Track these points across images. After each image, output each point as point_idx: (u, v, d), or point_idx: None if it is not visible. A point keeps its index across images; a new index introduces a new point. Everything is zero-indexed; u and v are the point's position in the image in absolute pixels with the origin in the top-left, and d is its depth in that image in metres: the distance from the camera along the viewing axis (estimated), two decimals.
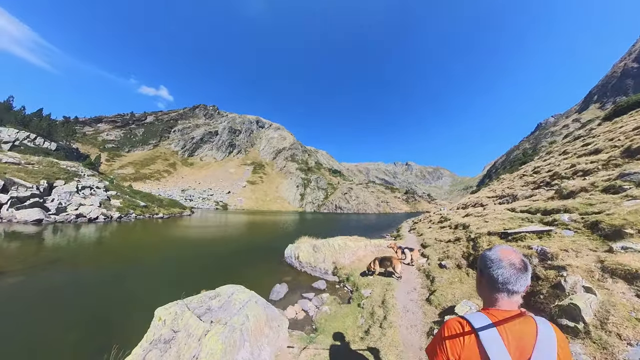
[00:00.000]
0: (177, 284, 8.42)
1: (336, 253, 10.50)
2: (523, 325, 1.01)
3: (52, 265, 9.99)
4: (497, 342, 0.97)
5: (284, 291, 7.80)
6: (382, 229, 30.12)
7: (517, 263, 1.08)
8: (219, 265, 11.79)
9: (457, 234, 9.50)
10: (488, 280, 1.11)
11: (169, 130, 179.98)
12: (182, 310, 4.03)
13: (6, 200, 19.98)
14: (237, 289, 4.90)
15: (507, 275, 1.06)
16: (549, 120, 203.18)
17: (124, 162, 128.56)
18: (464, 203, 22.09)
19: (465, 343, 1.01)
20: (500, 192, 16.32)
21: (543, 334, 0.99)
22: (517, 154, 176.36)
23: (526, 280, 1.08)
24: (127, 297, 7.44)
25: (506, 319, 1.02)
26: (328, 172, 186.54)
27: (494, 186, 22.94)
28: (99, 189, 31.24)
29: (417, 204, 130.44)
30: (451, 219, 14.62)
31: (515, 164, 66.01)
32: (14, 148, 35.47)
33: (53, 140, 41.35)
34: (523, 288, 1.07)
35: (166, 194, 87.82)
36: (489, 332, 1.00)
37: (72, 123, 58.73)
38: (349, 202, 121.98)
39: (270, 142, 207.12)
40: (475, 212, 12.71)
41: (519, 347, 0.97)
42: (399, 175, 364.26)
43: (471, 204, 18.67)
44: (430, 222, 19.77)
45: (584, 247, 4.18)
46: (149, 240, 18.26)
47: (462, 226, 10.59)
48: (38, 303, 6.72)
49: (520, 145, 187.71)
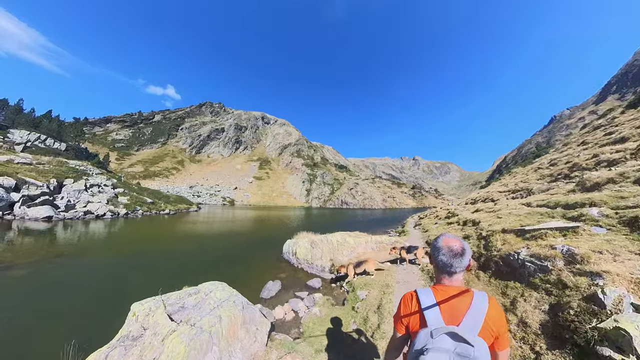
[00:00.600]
0: (170, 278, 8.28)
1: (334, 250, 10.04)
2: (462, 298, 1.24)
3: (56, 259, 10.17)
4: (434, 312, 1.23)
5: (276, 289, 7.40)
6: (387, 225, 29.45)
7: (455, 249, 1.30)
8: (215, 260, 11.53)
9: (467, 231, 8.86)
10: (436, 264, 1.35)
11: (177, 128, 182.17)
12: (156, 306, 3.72)
13: (18, 199, 20.39)
14: (217, 286, 4.55)
15: (446, 261, 1.29)
16: (564, 112, 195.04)
17: (133, 161, 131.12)
18: (473, 198, 20.94)
19: (412, 308, 1.31)
20: (513, 186, 15.33)
21: (475, 306, 1.21)
22: (530, 148, 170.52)
23: (462, 262, 1.29)
24: (117, 291, 7.26)
25: (451, 295, 1.25)
26: (334, 167, 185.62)
27: (506, 180, 21.70)
28: (106, 187, 31.69)
29: (424, 199, 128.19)
30: (459, 214, 13.80)
31: (528, 158, 63.62)
32: (26, 149, 36.37)
33: (63, 140, 42.25)
34: (460, 269, 1.29)
35: (175, 191, 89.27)
36: (432, 309, 1.24)
37: (80, 124, 59.95)
38: (355, 197, 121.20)
39: (276, 138, 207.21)
40: (486, 208, 11.95)
41: (452, 315, 1.21)
42: (405, 170, 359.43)
43: (481, 198, 17.71)
44: (437, 218, 18.83)
45: (623, 249, 3.51)
46: (150, 235, 18.26)
47: (471, 222, 9.86)
48: (35, 295, 6.73)
49: (533, 139, 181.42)
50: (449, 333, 1.11)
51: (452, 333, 1.11)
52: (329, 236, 10.90)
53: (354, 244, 10.71)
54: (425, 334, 1.16)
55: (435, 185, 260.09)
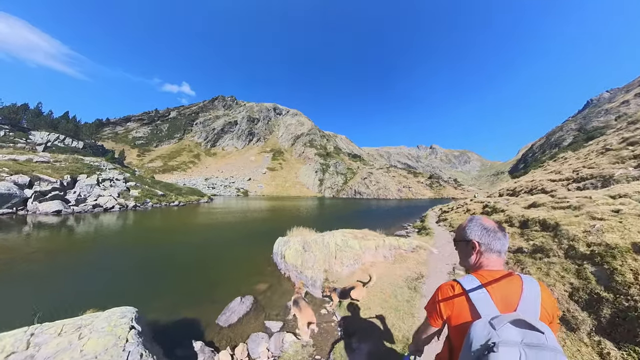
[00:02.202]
0: (117, 283, 7.07)
1: (330, 256, 7.28)
2: (510, 282, 1.12)
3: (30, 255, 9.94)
4: (485, 298, 1.08)
5: (242, 310, 5.11)
6: (403, 217, 26.35)
7: (499, 227, 1.24)
8: (192, 260, 9.84)
9: (535, 238, 5.69)
10: (477, 246, 1.23)
11: (192, 124, 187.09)
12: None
13: (30, 195, 21.50)
14: (112, 320, 3.16)
15: (493, 238, 1.21)
16: (602, 95, 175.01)
17: (153, 156, 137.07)
18: (509, 188, 16.29)
19: (456, 302, 1.14)
20: (571, 173, 11.71)
21: (528, 289, 1.09)
22: (561, 136, 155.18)
23: (507, 241, 1.23)
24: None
25: (496, 278, 1.12)
26: (347, 156, 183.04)
27: (553, 167, 17.00)
28: (118, 181, 32.91)
29: (442, 189, 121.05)
30: (506, 209, 9.65)
31: (561, 146, 57.03)
32: (47, 149, 38.52)
33: (80, 139, 44.41)
34: (506, 250, 1.23)
35: (191, 183, 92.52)
36: (478, 291, 1.10)
37: (95, 124, 62.97)
38: (368, 187, 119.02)
39: (288, 128, 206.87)
40: (551, 202, 8.08)
41: (505, 300, 1.07)
42: (422, 159, 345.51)
43: (523, 189, 13.70)
44: (468, 212, 14.75)
45: None
46: (138, 227, 18.22)
47: (539, 224, 6.32)
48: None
49: (565, 126, 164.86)
50: (515, 321, 0.93)
51: (518, 321, 0.93)
52: (327, 236, 8.07)
53: (360, 249, 7.67)
54: (483, 325, 0.97)
55: (454, 175, 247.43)
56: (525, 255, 5.42)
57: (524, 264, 5.09)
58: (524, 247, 5.71)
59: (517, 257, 5.56)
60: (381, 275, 6.32)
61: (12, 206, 20.13)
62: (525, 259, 5.30)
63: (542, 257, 4.89)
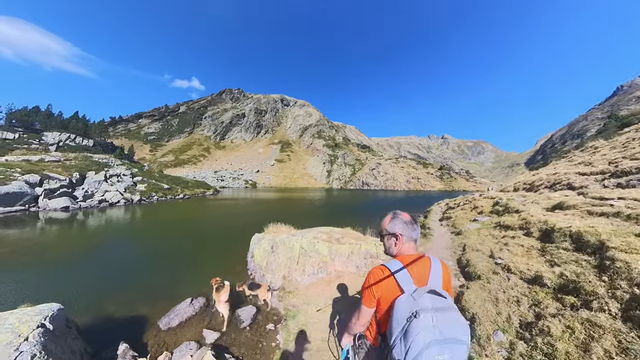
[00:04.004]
0: (89, 277, 7.15)
1: (292, 261, 6.45)
2: (422, 262, 1.42)
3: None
4: (406, 277, 1.34)
5: (188, 314, 4.93)
6: (407, 211, 26.58)
7: (411, 219, 1.56)
8: (168, 253, 9.84)
9: (566, 265, 3.72)
10: (398, 236, 1.51)
11: (201, 117, 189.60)
12: None
13: (40, 192, 22.73)
14: (27, 315, 3.21)
15: (409, 229, 1.52)
16: (634, 81, 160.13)
17: (165, 151, 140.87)
18: (526, 182, 14.08)
19: (385, 283, 1.37)
20: (605, 165, 9.67)
21: (434, 267, 1.41)
22: (585, 125, 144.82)
23: (419, 229, 1.55)
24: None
25: (413, 260, 1.41)
26: (356, 147, 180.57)
27: (582, 157, 14.30)
28: (125, 176, 34.12)
29: (453, 181, 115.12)
30: (521, 210, 7.91)
31: (585, 136, 52.74)
32: (59, 148, 40.28)
33: (90, 137, 46.11)
34: (418, 236, 1.54)
35: (201, 176, 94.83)
36: (401, 272, 1.36)
37: (103, 123, 65.12)
38: (376, 178, 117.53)
39: (296, 119, 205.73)
40: (581, 204, 6.18)
41: (419, 277, 1.36)
42: (433, 149, 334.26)
43: (543, 183, 11.70)
44: (475, 210, 12.63)
45: None
46: (132, 220, 18.84)
47: (570, 238, 4.34)
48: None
49: (590, 115, 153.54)
50: (430, 291, 1.24)
51: (430, 291, 1.24)
52: (295, 237, 7.15)
53: (328, 254, 6.50)
54: (406, 298, 1.25)
55: (466, 167, 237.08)
56: (547, 293, 3.30)
57: (542, 315, 2.93)
58: (544, 276, 3.59)
59: (533, 293, 3.41)
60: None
61: (24, 203, 21.35)
62: (545, 300, 3.17)
63: (577, 306, 2.85)
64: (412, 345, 1.09)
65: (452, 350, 1.09)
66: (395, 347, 1.16)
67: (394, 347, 1.17)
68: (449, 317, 1.16)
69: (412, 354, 1.08)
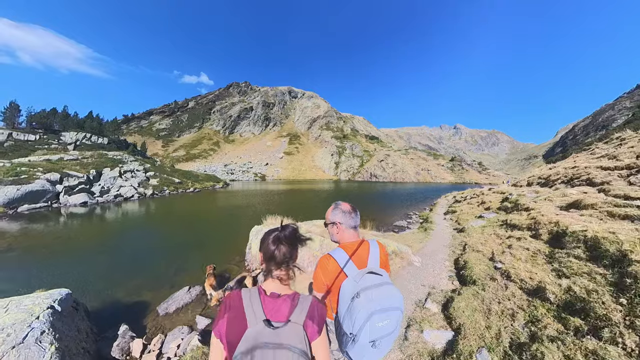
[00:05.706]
0: (99, 265, 7.83)
1: None
2: (363, 247, 1.57)
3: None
4: (349, 263, 1.48)
5: (185, 301, 5.38)
6: (414, 203, 23.98)
7: (352, 208, 1.68)
8: (176, 243, 10.59)
9: (577, 277, 3.11)
10: (341, 226, 1.64)
11: (209, 112, 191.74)
12: None
13: (61, 189, 24.23)
14: (40, 298, 3.62)
15: (350, 218, 1.64)
16: None
17: (176, 146, 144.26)
18: (541, 176, 12.98)
19: (331, 269, 1.50)
20: (633, 159, 8.44)
21: (372, 249, 1.58)
22: (612, 115, 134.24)
23: (358, 217, 1.69)
24: None
25: (355, 247, 1.56)
26: (365, 138, 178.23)
27: (605, 150, 12.65)
28: (138, 172, 35.58)
29: (465, 173, 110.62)
30: (531, 207, 7.28)
31: (610, 127, 48.94)
32: (76, 147, 42.29)
33: (104, 135, 47.98)
34: (358, 223, 1.68)
35: (211, 170, 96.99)
36: (344, 258, 1.50)
37: (116, 121, 67.53)
38: (385, 169, 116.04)
39: (304, 111, 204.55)
40: (600, 203, 5.45)
41: (360, 260, 1.51)
42: (444, 140, 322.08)
43: (560, 178, 10.84)
44: (482, 205, 12.01)
45: None
46: (141, 213, 19.77)
47: (584, 244, 3.73)
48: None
49: (617, 104, 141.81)
50: (369, 272, 1.42)
51: (370, 272, 1.42)
52: None
53: (320, 248, 6.64)
54: (349, 282, 1.40)
55: (479, 158, 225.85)
56: (548, 310, 2.82)
57: (538, 336, 2.48)
58: (548, 288, 3.09)
59: (532, 307, 2.96)
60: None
61: (47, 200, 22.83)
62: (545, 318, 2.71)
63: (582, 331, 2.35)
64: (356, 318, 1.30)
65: (390, 316, 1.32)
66: (344, 322, 1.36)
67: (343, 322, 1.37)
68: (384, 290, 1.36)
69: (358, 324, 1.29)
